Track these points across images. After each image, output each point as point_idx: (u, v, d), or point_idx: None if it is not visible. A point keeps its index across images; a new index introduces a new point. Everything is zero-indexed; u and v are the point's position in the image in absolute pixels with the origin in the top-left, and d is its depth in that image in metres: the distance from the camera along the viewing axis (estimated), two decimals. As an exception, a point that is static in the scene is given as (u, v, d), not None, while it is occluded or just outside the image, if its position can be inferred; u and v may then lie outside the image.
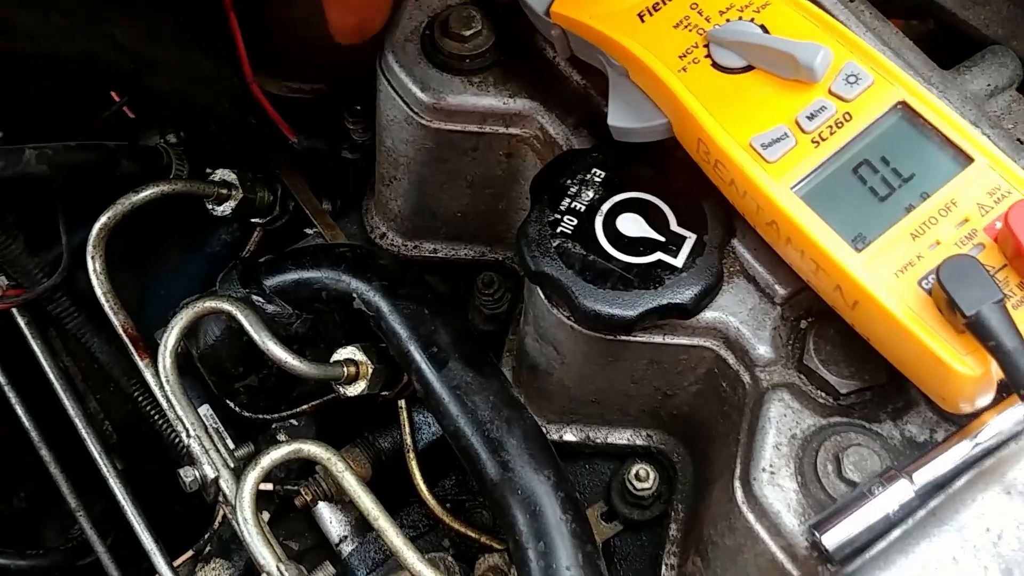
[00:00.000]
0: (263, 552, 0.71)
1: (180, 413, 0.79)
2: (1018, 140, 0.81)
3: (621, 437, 0.84)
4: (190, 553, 1.04)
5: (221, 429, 0.98)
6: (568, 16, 0.71)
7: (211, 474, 0.77)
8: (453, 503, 0.98)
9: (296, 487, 0.94)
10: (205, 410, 1.06)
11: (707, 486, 0.76)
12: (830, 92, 0.63)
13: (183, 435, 0.79)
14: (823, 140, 0.62)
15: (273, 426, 1.00)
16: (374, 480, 0.96)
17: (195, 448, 0.78)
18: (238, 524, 0.73)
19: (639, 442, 0.84)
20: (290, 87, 0.99)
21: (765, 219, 0.64)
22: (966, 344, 0.55)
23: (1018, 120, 0.85)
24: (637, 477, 0.83)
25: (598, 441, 0.84)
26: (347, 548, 0.99)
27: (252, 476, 0.73)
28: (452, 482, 0.99)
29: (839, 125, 0.62)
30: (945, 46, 0.98)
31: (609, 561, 0.89)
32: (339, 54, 0.96)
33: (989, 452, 0.60)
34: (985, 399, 0.58)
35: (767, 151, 0.62)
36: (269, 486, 0.98)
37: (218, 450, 0.78)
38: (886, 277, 0.58)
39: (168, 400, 0.80)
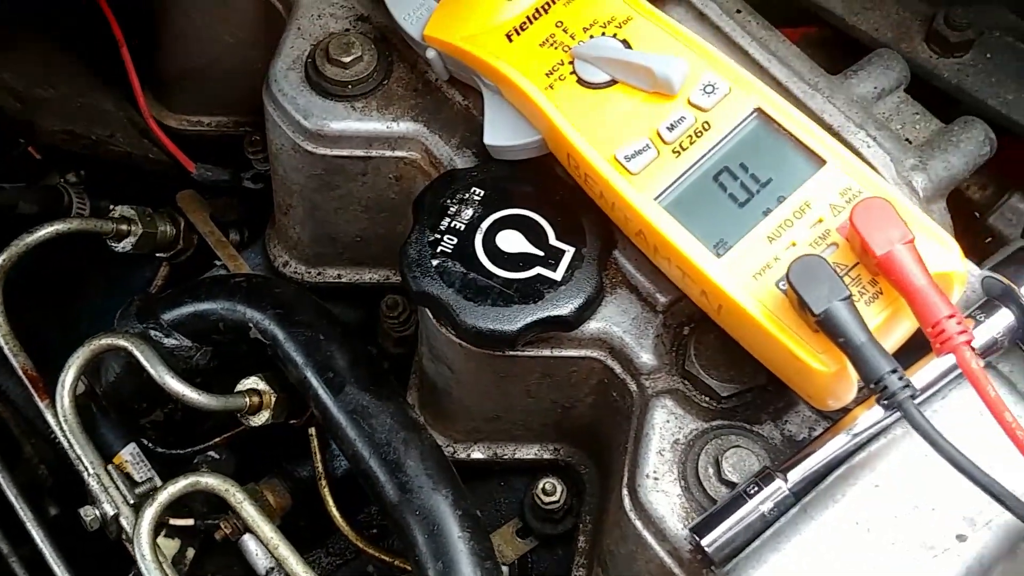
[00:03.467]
0: (161, 589, 0.71)
1: (79, 452, 0.78)
2: (906, 140, 0.83)
3: (529, 452, 0.85)
4: (114, 595, 1.03)
5: (125, 467, 0.97)
6: (441, 39, 0.72)
7: (111, 511, 0.77)
8: (379, 528, 0.98)
9: (216, 520, 0.94)
10: (132, 448, 1.06)
11: (608, 496, 0.76)
12: (689, 103, 0.64)
13: (83, 473, 0.78)
14: (684, 150, 0.63)
15: (195, 460, 0.99)
16: (295, 509, 0.96)
17: (94, 486, 0.77)
18: (137, 560, 0.72)
19: (547, 456, 0.85)
20: (189, 120, 1.00)
21: (633, 230, 0.65)
22: (821, 342, 0.56)
23: (906, 121, 0.87)
24: (544, 492, 0.83)
25: (506, 457, 0.85)
26: (273, 579, 0.98)
27: (149, 512, 0.73)
28: (377, 508, 0.99)
29: (698, 134, 0.63)
30: (843, 50, 1.00)
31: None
32: (236, 87, 0.97)
33: (860, 447, 0.61)
34: (850, 395, 0.59)
35: (631, 163, 0.63)
36: (190, 521, 0.97)
37: (117, 487, 0.77)
38: (745, 280, 0.59)
39: (68, 439, 0.79)
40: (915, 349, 0.61)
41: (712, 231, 0.61)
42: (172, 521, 0.93)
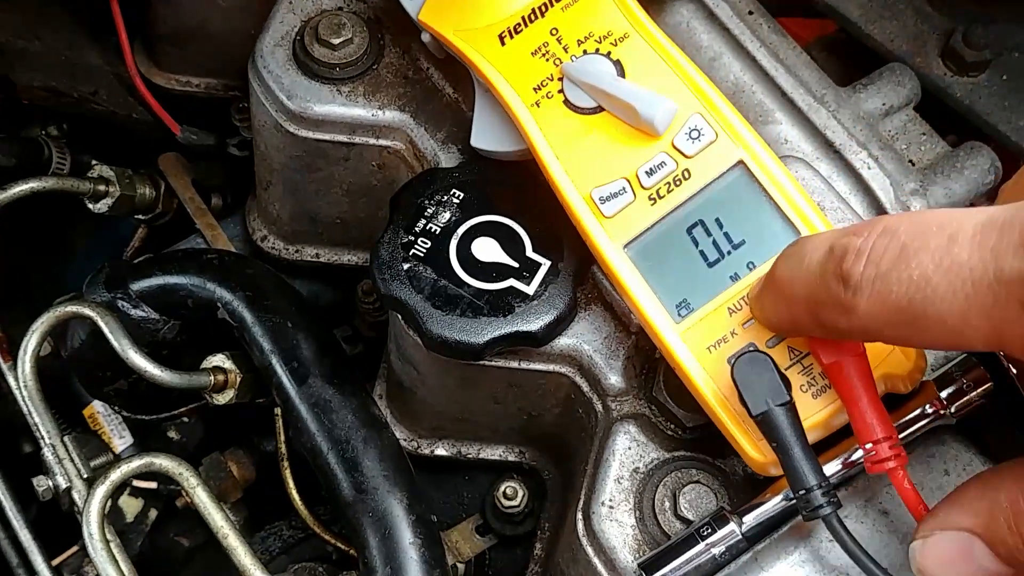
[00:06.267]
0: (107, 570, 0.70)
1: (36, 420, 0.77)
2: (910, 162, 0.81)
3: (493, 453, 0.84)
4: (75, 548, 1.03)
5: (97, 418, 0.96)
6: (433, 27, 0.69)
7: (63, 484, 0.76)
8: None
9: (178, 487, 0.93)
10: (99, 405, 1.05)
11: (567, 510, 0.75)
12: (672, 146, 0.61)
13: (40, 441, 0.77)
14: (660, 197, 0.61)
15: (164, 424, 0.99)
16: (259, 482, 0.96)
17: (49, 456, 0.76)
18: (85, 538, 0.72)
19: (511, 458, 0.84)
20: (179, 80, 0.97)
21: (602, 268, 0.63)
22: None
23: (912, 140, 0.84)
24: (505, 495, 0.82)
25: (470, 456, 0.84)
26: (234, 547, 0.98)
27: (101, 490, 0.72)
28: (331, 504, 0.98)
29: (677, 182, 0.61)
30: (859, 56, 0.97)
31: (482, 574, 0.89)
32: (227, 50, 0.94)
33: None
34: None
35: (605, 205, 0.61)
36: (154, 484, 0.97)
37: (72, 460, 0.76)
38: (699, 351, 0.58)
39: (27, 405, 0.78)
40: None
41: (677, 289, 0.59)
42: (135, 483, 0.93)
